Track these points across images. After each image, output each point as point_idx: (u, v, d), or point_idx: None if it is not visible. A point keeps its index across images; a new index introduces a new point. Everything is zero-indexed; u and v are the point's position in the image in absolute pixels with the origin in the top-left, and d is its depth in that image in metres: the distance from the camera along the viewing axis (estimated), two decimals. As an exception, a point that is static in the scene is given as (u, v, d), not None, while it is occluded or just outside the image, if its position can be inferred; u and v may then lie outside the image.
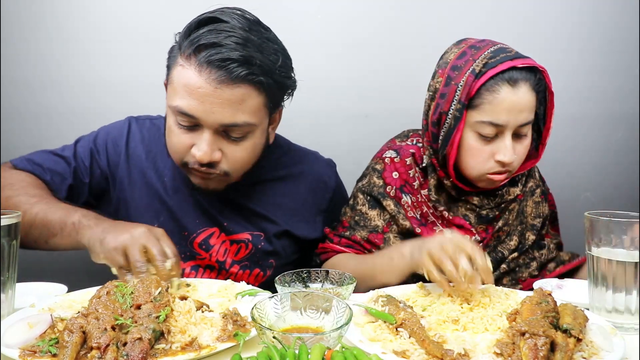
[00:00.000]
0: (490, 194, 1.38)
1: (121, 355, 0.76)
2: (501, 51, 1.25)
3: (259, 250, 1.38)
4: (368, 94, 1.93)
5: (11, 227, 0.96)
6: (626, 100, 1.99)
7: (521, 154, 1.29)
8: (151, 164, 1.37)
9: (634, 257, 0.96)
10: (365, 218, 1.39)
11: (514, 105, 1.22)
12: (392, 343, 0.86)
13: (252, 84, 1.15)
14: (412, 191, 1.38)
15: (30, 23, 1.79)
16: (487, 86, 1.22)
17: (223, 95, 1.12)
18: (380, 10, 1.89)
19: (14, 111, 1.82)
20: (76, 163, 1.33)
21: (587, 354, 0.82)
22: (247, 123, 1.18)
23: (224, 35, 1.13)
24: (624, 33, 1.95)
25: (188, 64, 1.14)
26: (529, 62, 1.23)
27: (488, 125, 1.24)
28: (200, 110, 1.14)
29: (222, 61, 1.11)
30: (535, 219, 1.44)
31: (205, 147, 1.17)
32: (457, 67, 1.27)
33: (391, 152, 1.42)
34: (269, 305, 0.93)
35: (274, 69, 1.18)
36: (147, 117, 1.46)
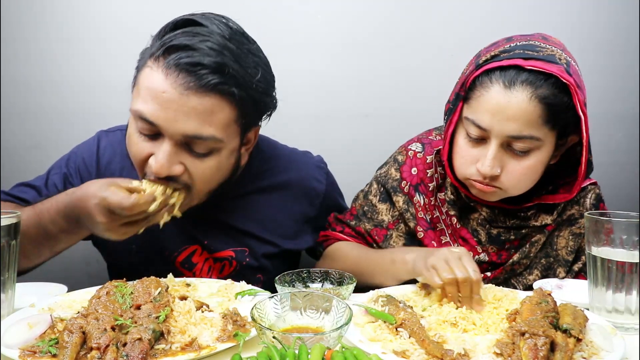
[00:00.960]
0: (509, 213, 1.24)
1: (121, 355, 0.76)
2: (524, 47, 1.07)
3: (244, 267, 1.30)
4: (368, 94, 1.93)
5: (11, 227, 0.96)
6: (626, 100, 1.99)
7: (517, 174, 1.11)
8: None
9: (634, 257, 0.96)
10: (373, 210, 1.33)
11: (500, 109, 1.05)
12: (392, 343, 0.86)
13: (223, 95, 1.04)
14: (427, 192, 1.28)
15: (30, 23, 1.79)
16: (481, 80, 1.09)
17: (189, 103, 1.02)
18: (380, 10, 1.89)
19: (14, 111, 1.82)
20: (47, 190, 1.26)
21: (587, 354, 0.82)
22: (214, 137, 1.06)
23: (199, 38, 1.03)
24: (624, 33, 1.95)
25: (156, 66, 1.04)
26: (542, 67, 1.03)
27: (472, 125, 1.10)
28: (162, 117, 1.03)
29: (192, 65, 1.01)
30: (570, 254, 1.25)
31: (162, 158, 1.05)
32: (480, 55, 1.15)
33: (417, 145, 1.32)
34: (269, 305, 0.93)
35: (250, 82, 1.07)
36: (117, 128, 1.36)
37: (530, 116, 1.05)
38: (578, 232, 1.25)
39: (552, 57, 1.06)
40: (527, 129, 1.06)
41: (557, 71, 1.03)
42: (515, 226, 1.25)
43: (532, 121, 1.05)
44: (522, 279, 1.27)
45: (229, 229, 1.29)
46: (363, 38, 1.89)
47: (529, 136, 1.07)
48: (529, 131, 1.06)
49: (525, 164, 1.11)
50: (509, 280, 1.28)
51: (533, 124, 1.06)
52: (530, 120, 1.05)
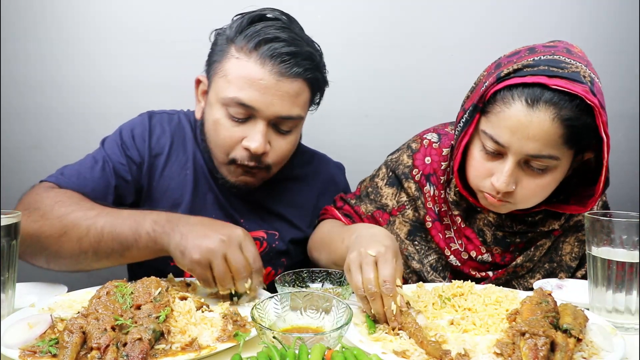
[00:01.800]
0: (516, 218, 1.22)
1: (121, 355, 0.76)
2: (548, 63, 1.02)
3: (273, 250, 1.38)
4: (368, 94, 1.93)
5: (11, 227, 0.96)
6: (626, 100, 1.99)
7: (531, 192, 1.09)
8: (173, 156, 1.35)
9: (634, 257, 0.96)
10: (378, 193, 1.33)
11: (522, 127, 1.01)
12: (392, 343, 0.87)
13: (307, 79, 1.20)
14: (437, 184, 1.26)
15: (30, 23, 1.79)
16: (503, 95, 1.04)
17: (283, 87, 1.17)
18: (380, 10, 1.89)
19: (14, 111, 1.82)
20: (113, 163, 1.28)
21: (587, 354, 0.82)
22: (300, 116, 1.23)
23: (281, 31, 1.18)
24: (624, 33, 1.94)
25: (247, 57, 1.17)
26: (568, 87, 0.98)
27: (489, 140, 1.07)
28: (260, 102, 1.16)
29: (285, 55, 1.16)
30: (574, 260, 1.25)
31: (260, 138, 1.18)
32: (500, 64, 1.10)
33: (433, 136, 1.31)
34: (269, 305, 0.93)
35: (320, 65, 1.25)
36: (163, 111, 1.42)
37: (551, 137, 1.02)
38: (583, 239, 1.24)
39: (577, 76, 1.01)
40: (547, 149, 1.03)
41: (582, 92, 0.99)
42: (522, 231, 1.23)
43: (552, 141, 1.02)
44: (523, 281, 1.27)
45: (264, 211, 1.39)
46: (363, 38, 1.89)
47: (548, 156, 1.04)
48: (548, 151, 1.03)
49: (540, 182, 1.09)
50: (511, 282, 1.27)
51: (553, 144, 1.03)
52: (551, 141, 1.02)
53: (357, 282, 0.92)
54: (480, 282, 1.25)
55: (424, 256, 1.28)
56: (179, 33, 1.78)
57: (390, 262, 0.92)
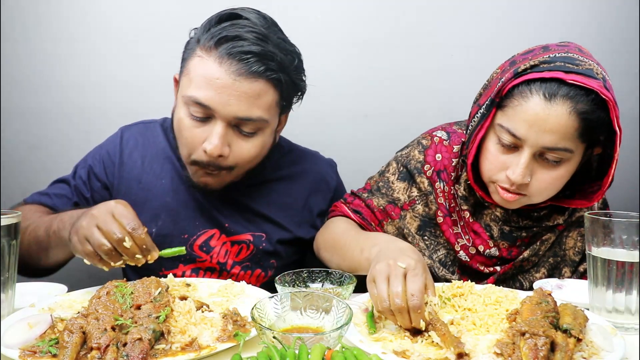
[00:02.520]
0: (522, 213, 1.25)
1: (121, 355, 0.76)
2: (564, 60, 1.06)
3: (260, 251, 1.37)
4: (368, 94, 1.93)
5: (11, 227, 0.96)
6: (626, 100, 1.99)
7: (545, 184, 1.12)
8: (148, 168, 1.36)
9: (634, 257, 0.96)
10: (389, 187, 1.33)
11: (539, 121, 1.04)
12: (392, 343, 0.87)
13: (269, 80, 1.17)
14: (448, 180, 1.29)
15: (32, 23, 1.79)
16: (520, 89, 1.07)
17: (241, 87, 1.14)
18: (380, 10, 1.89)
19: (14, 111, 1.82)
20: (75, 181, 1.35)
21: (587, 354, 0.82)
22: (261, 118, 1.19)
23: (246, 29, 1.15)
24: (624, 33, 1.94)
25: (207, 55, 1.15)
26: (584, 82, 1.02)
27: (506, 133, 1.10)
28: (217, 101, 1.14)
29: (244, 54, 1.13)
30: (577, 254, 1.27)
31: (216, 140, 1.16)
32: (515, 62, 1.14)
33: (443, 133, 1.33)
34: (269, 305, 0.93)
35: (290, 67, 1.21)
36: (140, 122, 1.46)
37: (567, 130, 1.05)
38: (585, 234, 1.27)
39: (591, 72, 1.05)
40: (563, 142, 1.06)
41: (597, 87, 1.03)
42: (528, 226, 1.26)
43: (568, 134, 1.06)
44: (528, 276, 1.28)
45: (249, 213, 1.37)
46: (363, 38, 1.89)
47: (563, 148, 1.07)
48: (563, 144, 1.07)
49: (554, 174, 1.12)
50: (516, 277, 1.28)
51: (569, 137, 1.06)
52: (566, 134, 1.06)
53: (382, 293, 0.89)
54: (488, 277, 1.27)
55: (434, 251, 1.30)
56: (179, 33, 1.77)
57: (421, 276, 0.91)
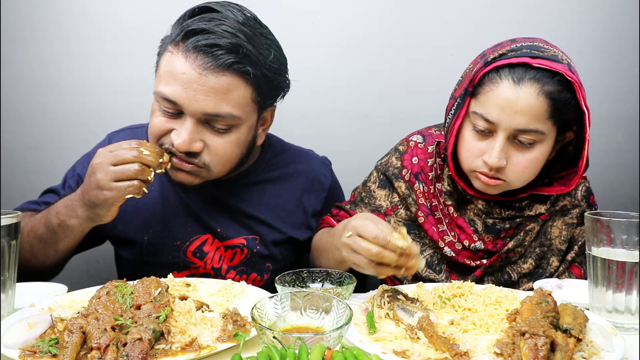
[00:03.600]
0: (504, 204, 1.29)
1: (121, 355, 0.76)
2: (530, 47, 1.14)
3: (255, 255, 1.35)
4: (368, 94, 1.93)
5: (11, 227, 0.96)
6: (626, 100, 1.99)
7: (520, 167, 1.17)
8: None
9: (634, 257, 0.96)
10: (371, 196, 1.37)
11: (510, 103, 1.11)
12: (392, 343, 0.87)
13: (239, 74, 1.12)
14: (426, 181, 1.33)
15: (30, 23, 1.79)
16: (491, 76, 1.14)
17: (207, 82, 1.10)
18: (380, 10, 1.89)
19: (14, 111, 1.82)
20: (65, 191, 1.33)
21: (587, 354, 0.82)
22: (231, 115, 1.14)
23: (215, 23, 1.11)
24: (624, 33, 1.95)
25: (176, 50, 1.12)
26: (549, 65, 1.10)
27: (480, 119, 1.16)
28: (183, 97, 1.11)
29: (209, 47, 1.09)
30: (563, 243, 1.29)
31: (185, 134, 1.13)
32: (485, 54, 1.20)
33: (418, 137, 1.38)
34: (269, 305, 0.93)
35: (264, 62, 1.15)
36: (127, 127, 1.43)
37: (537, 111, 1.11)
38: (570, 222, 1.31)
39: (556, 57, 1.13)
40: (534, 123, 1.12)
41: (562, 69, 1.10)
42: (510, 217, 1.29)
43: (538, 115, 1.12)
44: (516, 267, 1.30)
45: (242, 216, 1.35)
46: (363, 38, 1.89)
47: (535, 129, 1.13)
48: (535, 125, 1.12)
49: (528, 157, 1.17)
50: (504, 268, 1.30)
51: (539, 118, 1.12)
52: (536, 115, 1.11)
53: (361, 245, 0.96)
54: (475, 271, 1.29)
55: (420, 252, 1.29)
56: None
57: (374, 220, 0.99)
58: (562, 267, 1.30)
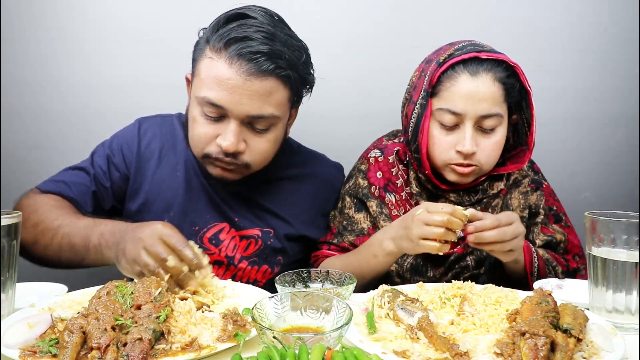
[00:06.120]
0: (471, 190, 1.38)
1: (121, 355, 0.76)
2: (472, 45, 1.27)
3: (268, 247, 1.39)
4: (368, 94, 1.93)
5: (11, 227, 0.96)
6: (626, 100, 1.99)
7: (488, 150, 1.29)
8: (165, 159, 1.39)
9: (634, 257, 0.96)
10: (352, 222, 1.42)
11: (472, 93, 1.23)
12: (392, 343, 0.87)
13: (279, 78, 1.20)
14: (396, 189, 1.40)
15: (30, 23, 1.79)
16: (448, 74, 1.25)
17: (252, 87, 1.17)
18: (380, 10, 1.89)
19: (14, 111, 1.82)
20: (95, 170, 1.36)
21: (587, 354, 0.82)
22: (273, 115, 1.22)
23: (253, 29, 1.18)
24: (624, 33, 1.94)
25: (218, 56, 1.18)
26: (495, 55, 1.24)
27: (447, 113, 1.26)
28: (229, 101, 1.18)
29: (253, 54, 1.16)
30: (523, 210, 1.40)
31: (231, 137, 1.20)
32: (430, 60, 1.32)
33: (376, 152, 1.46)
34: (269, 305, 0.93)
35: (298, 64, 1.24)
36: (157, 115, 1.48)
37: (494, 95, 1.25)
38: (524, 191, 1.43)
39: (494, 50, 1.28)
40: (494, 107, 1.25)
41: (505, 58, 1.26)
42: (478, 200, 1.39)
43: (496, 99, 1.25)
44: None
45: (258, 209, 1.41)
46: (363, 38, 1.89)
47: (496, 113, 1.26)
48: (495, 109, 1.26)
49: (493, 140, 1.29)
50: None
51: (497, 102, 1.26)
52: (495, 99, 1.25)
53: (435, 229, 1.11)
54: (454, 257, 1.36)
55: (403, 259, 1.36)
56: (179, 33, 1.78)
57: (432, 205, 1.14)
58: (535, 230, 1.40)
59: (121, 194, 1.39)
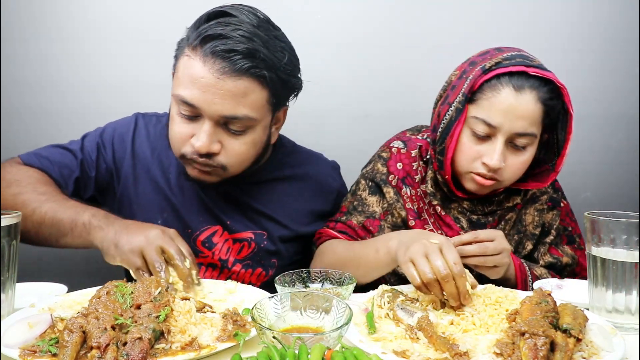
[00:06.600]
0: (486, 201, 1.36)
1: (121, 355, 0.76)
2: (522, 57, 1.22)
3: (262, 250, 1.38)
4: (368, 94, 1.93)
5: (11, 227, 0.96)
6: (626, 100, 1.99)
7: (515, 168, 1.25)
8: (156, 161, 1.37)
9: (634, 257, 0.96)
10: (363, 203, 1.40)
11: (511, 109, 1.18)
12: (392, 343, 0.87)
13: (255, 78, 1.15)
14: (413, 184, 1.38)
15: (30, 23, 1.79)
16: (491, 83, 1.20)
17: (225, 86, 1.13)
18: (380, 10, 1.89)
19: (14, 111, 1.82)
20: (83, 156, 1.34)
21: (587, 354, 0.82)
22: (248, 117, 1.17)
23: (231, 28, 1.14)
24: (624, 33, 1.95)
25: (194, 54, 1.15)
26: (543, 73, 1.19)
27: (481, 123, 1.21)
28: (202, 100, 1.14)
29: (226, 52, 1.12)
30: (536, 227, 1.37)
31: (204, 137, 1.17)
32: (474, 62, 1.26)
33: (399, 143, 1.43)
34: (269, 305, 0.93)
35: (279, 65, 1.18)
36: (154, 113, 1.46)
37: (534, 115, 1.19)
38: (541, 208, 1.39)
39: (543, 66, 1.22)
40: (530, 127, 1.20)
41: (553, 77, 1.20)
42: (492, 211, 1.37)
43: (535, 120, 1.20)
44: None
45: (251, 212, 1.38)
46: (363, 38, 1.89)
47: (530, 133, 1.21)
48: (531, 129, 1.21)
49: (522, 159, 1.25)
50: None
51: (535, 122, 1.21)
52: (533, 119, 1.20)
53: (424, 267, 0.99)
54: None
55: None
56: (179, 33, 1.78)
57: (453, 247, 1.03)
58: (542, 250, 1.37)
59: (104, 185, 1.36)
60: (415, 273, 1.00)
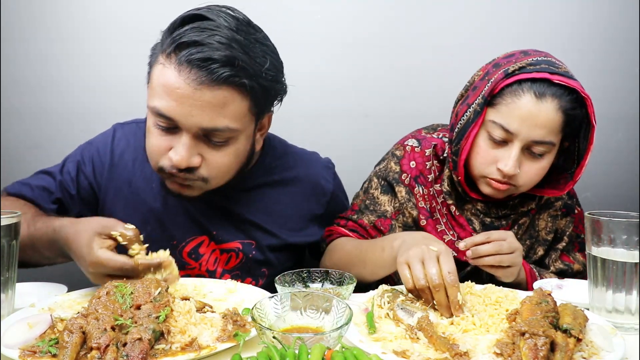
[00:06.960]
0: (500, 204, 1.34)
1: (121, 355, 0.76)
2: (547, 63, 1.18)
3: (250, 260, 1.32)
4: (368, 94, 1.93)
5: (11, 227, 0.96)
6: (626, 100, 1.99)
7: (531, 175, 1.23)
8: (139, 171, 1.31)
9: (634, 257, 0.96)
10: (375, 202, 1.39)
11: (531, 116, 1.15)
12: (392, 343, 0.87)
13: (235, 87, 1.07)
14: (426, 183, 1.37)
15: (30, 23, 1.79)
16: (512, 88, 1.17)
17: (203, 97, 1.05)
18: (380, 10, 1.89)
19: (14, 111, 1.82)
20: (62, 177, 1.30)
21: (587, 354, 0.82)
22: (229, 128, 1.10)
23: (208, 33, 1.05)
24: (624, 33, 1.95)
25: (168, 62, 1.06)
26: (567, 82, 1.15)
27: (498, 128, 1.19)
28: (179, 113, 1.06)
29: (203, 61, 1.03)
30: (549, 233, 1.36)
31: (183, 151, 1.09)
32: (498, 64, 1.24)
33: (413, 141, 1.41)
34: (269, 305, 0.93)
35: (260, 72, 1.10)
36: (134, 120, 1.40)
37: (554, 125, 1.17)
38: (555, 214, 1.38)
39: (568, 74, 1.18)
40: (549, 136, 1.18)
41: (577, 86, 1.16)
42: (505, 215, 1.35)
43: (554, 129, 1.18)
44: None
45: (238, 221, 1.32)
46: (363, 38, 1.89)
47: (549, 142, 1.19)
48: (549, 137, 1.18)
49: (539, 166, 1.23)
50: None
51: (554, 131, 1.18)
52: (553, 128, 1.17)
53: (418, 273, 0.98)
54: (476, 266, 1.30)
55: None
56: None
57: (451, 257, 1.01)
58: (553, 256, 1.37)
59: (92, 202, 1.32)
60: (409, 276, 1.00)
